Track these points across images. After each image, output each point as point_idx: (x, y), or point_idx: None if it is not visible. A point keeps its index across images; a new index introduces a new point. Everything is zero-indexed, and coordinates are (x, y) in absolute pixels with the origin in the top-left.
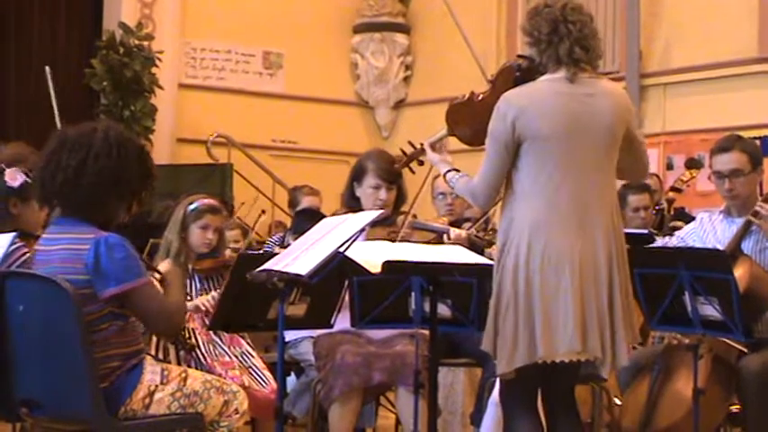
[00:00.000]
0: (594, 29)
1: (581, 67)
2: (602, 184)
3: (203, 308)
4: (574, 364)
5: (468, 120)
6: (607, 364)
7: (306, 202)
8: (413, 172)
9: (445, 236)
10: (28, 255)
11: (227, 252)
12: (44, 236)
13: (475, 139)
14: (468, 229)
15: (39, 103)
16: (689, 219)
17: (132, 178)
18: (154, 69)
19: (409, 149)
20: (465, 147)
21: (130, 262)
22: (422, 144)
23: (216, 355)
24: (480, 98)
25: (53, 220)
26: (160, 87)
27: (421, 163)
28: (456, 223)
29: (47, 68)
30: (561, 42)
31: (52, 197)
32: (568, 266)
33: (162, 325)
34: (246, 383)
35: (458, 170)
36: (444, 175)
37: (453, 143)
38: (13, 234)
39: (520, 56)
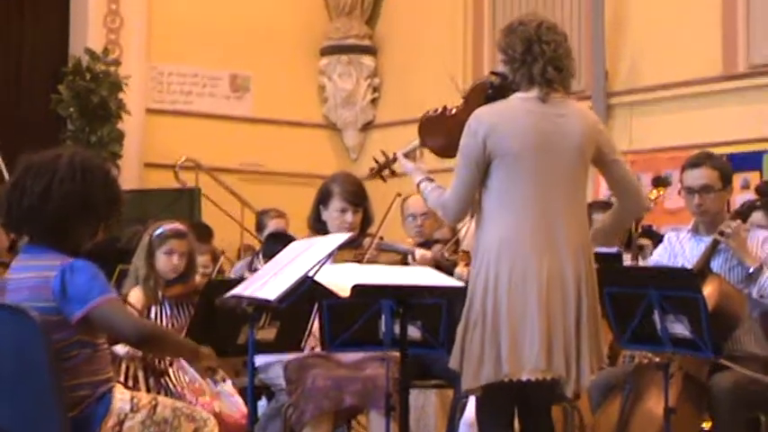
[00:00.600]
0: (569, 48)
1: (553, 88)
2: (572, 203)
3: None
4: (546, 383)
5: (440, 133)
6: (571, 384)
7: (273, 225)
8: (384, 180)
9: (410, 257)
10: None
11: (198, 278)
12: (14, 264)
13: (446, 151)
14: (437, 251)
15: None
16: (656, 236)
17: (99, 203)
18: (121, 94)
19: (382, 159)
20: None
21: (93, 282)
22: (394, 153)
23: (185, 382)
24: (453, 112)
25: (22, 247)
26: (127, 112)
27: (393, 172)
28: (425, 244)
29: None
30: (535, 62)
31: (19, 223)
32: (536, 285)
33: (132, 332)
34: (217, 409)
35: (432, 179)
36: (418, 185)
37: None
38: None
39: (493, 72)
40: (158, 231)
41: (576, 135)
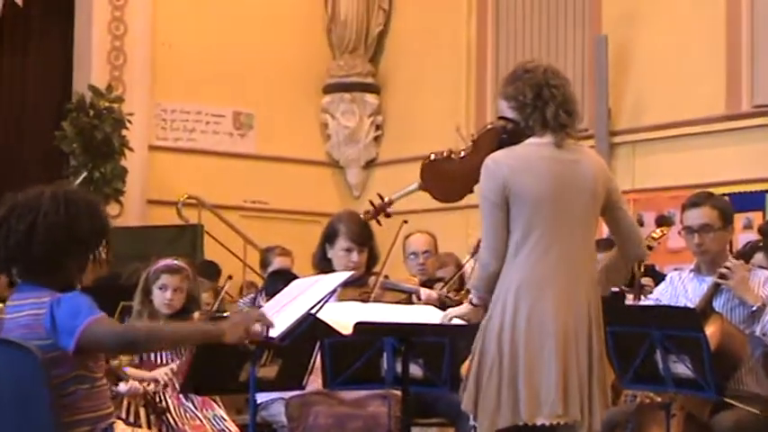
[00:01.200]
0: (573, 92)
1: (567, 132)
2: (586, 247)
3: (162, 380)
4: (560, 428)
5: (445, 177)
6: (585, 428)
7: (277, 263)
8: (379, 224)
9: (415, 296)
10: None
11: (196, 314)
12: (8, 304)
13: (448, 196)
14: (440, 289)
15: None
16: (659, 276)
17: (85, 234)
18: (124, 131)
19: (377, 202)
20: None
21: (77, 309)
22: (390, 197)
23: (187, 419)
24: (461, 156)
25: (16, 287)
26: (130, 149)
27: (388, 215)
28: (428, 283)
29: None
30: (546, 106)
31: (7, 263)
32: (553, 328)
33: (113, 342)
34: None
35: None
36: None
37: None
38: None
39: (502, 118)
40: (153, 268)
41: (590, 181)
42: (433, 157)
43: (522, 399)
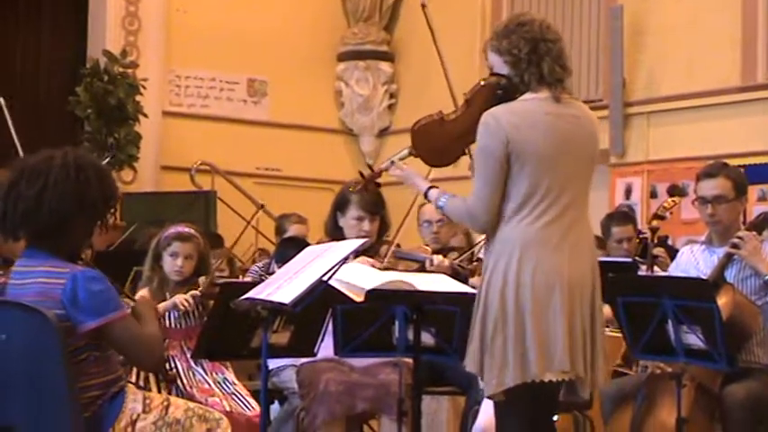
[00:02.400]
0: (564, 46)
1: (563, 87)
2: (584, 205)
3: (182, 307)
4: (556, 387)
5: (438, 139)
6: (587, 384)
7: (293, 230)
8: (367, 193)
9: (428, 262)
10: (3, 281)
11: (201, 279)
12: (15, 269)
13: (442, 159)
14: (453, 260)
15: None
16: (672, 249)
17: (94, 200)
18: (138, 97)
19: (367, 172)
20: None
21: (108, 295)
22: (380, 167)
23: (196, 382)
24: (452, 117)
25: (23, 252)
26: (144, 115)
27: (378, 185)
28: (441, 251)
29: (0, 100)
30: (542, 61)
31: (16, 228)
32: (558, 284)
33: (143, 357)
34: (229, 408)
35: (437, 187)
36: (426, 193)
37: None
38: None
39: (495, 74)
40: (165, 234)
41: (590, 136)
42: (424, 120)
43: (531, 355)
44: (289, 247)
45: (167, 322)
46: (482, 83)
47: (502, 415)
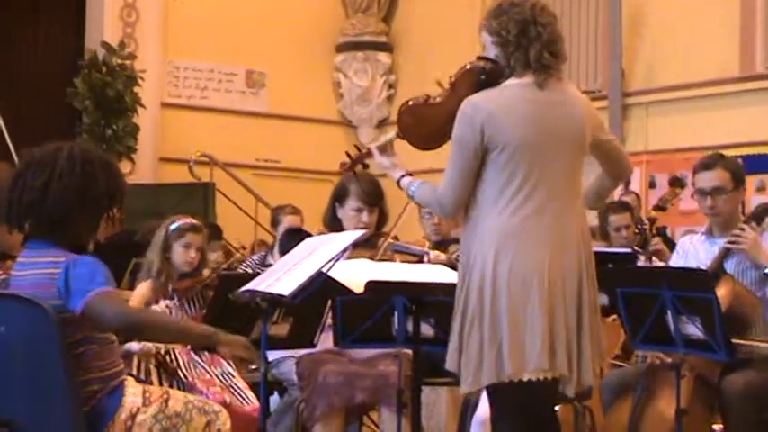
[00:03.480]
0: (560, 30)
1: (550, 73)
2: (572, 194)
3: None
4: (548, 383)
5: (423, 123)
6: (573, 382)
7: (287, 221)
8: (355, 175)
9: (425, 257)
10: (3, 276)
11: (206, 272)
12: (18, 260)
13: (427, 143)
14: (452, 252)
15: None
16: (668, 239)
17: (100, 194)
18: (136, 88)
19: (354, 153)
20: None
21: (93, 274)
22: (368, 148)
23: (197, 374)
24: (438, 101)
25: (26, 244)
26: (143, 106)
27: (366, 166)
28: (443, 243)
29: None
30: (531, 45)
31: (20, 219)
32: (537, 280)
33: (114, 321)
34: (228, 401)
35: (411, 175)
36: (398, 181)
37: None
38: None
39: (481, 57)
40: (175, 225)
41: (576, 121)
42: (410, 102)
43: (505, 354)
44: (291, 239)
45: (169, 313)
46: (467, 66)
47: (495, 409)
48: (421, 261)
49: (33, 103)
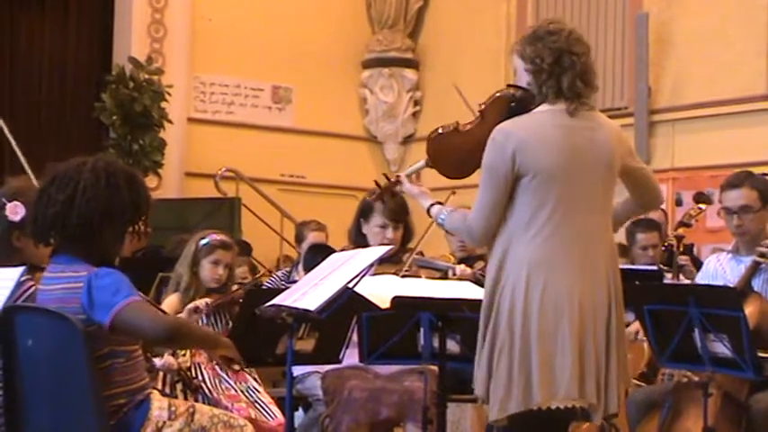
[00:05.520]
0: (592, 61)
1: (582, 102)
2: (602, 221)
3: (202, 308)
4: (574, 411)
5: (453, 151)
6: (600, 411)
7: (312, 237)
8: (383, 203)
9: (450, 272)
10: (33, 288)
11: (235, 287)
12: (45, 275)
13: (458, 172)
14: (478, 269)
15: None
16: (694, 257)
17: (124, 208)
18: (163, 103)
19: (383, 182)
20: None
21: (116, 287)
22: (398, 176)
23: (222, 389)
24: (468, 128)
25: (52, 258)
26: (169, 121)
27: (394, 195)
28: (468, 260)
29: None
30: (564, 74)
31: (45, 232)
32: (568, 308)
33: (154, 330)
34: (253, 416)
35: (442, 203)
36: (428, 210)
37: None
38: (23, 268)
39: (511, 85)
40: (205, 241)
41: (605, 148)
42: (440, 130)
43: (535, 382)
44: (316, 255)
45: None
46: (497, 94)
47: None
48: (446, 276)
49: (61, 117)
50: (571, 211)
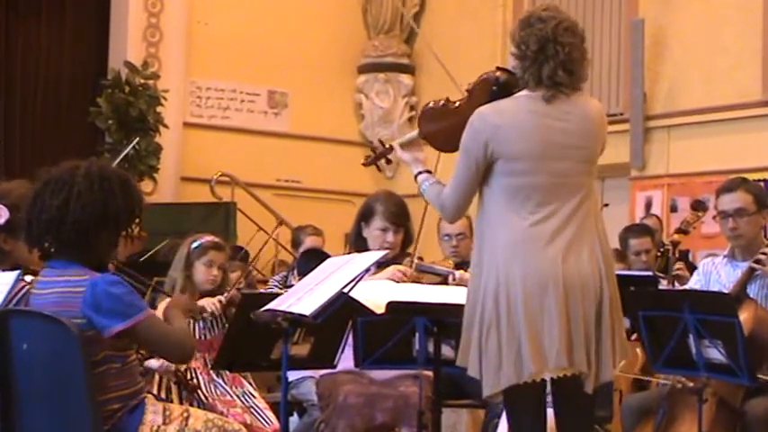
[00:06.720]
0: (585, 51)
1: (560, 90)
2: (584, 200)
3: (209, 309)
4: (569, 380)
5: (441, 125)
6: (591, 379)
7: (309, 242)
8: (379, 170)
9: (450, 277)
10: (27, 288)
11: (233, 292)
12: (39, 279)
13: (444, 145)
14: None
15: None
16: (689, 263)
17: (119, 212)
18: (159, 108)
19: (379, 148)
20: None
21: (133, 297)
22: (391, 144)
23: (218, 395)
24: (456, 105)
25: (47, 263)
26: (165, 126)
27: (389, 162)
28: (461, 265)
29: None
30: (546, 63)
31: (39, 238)
32: (551, 283)
33: (174, 350)
34: (248, 421)
35: (430, 172)
36: (416, 177)
37: None
38: (17, 272)
39: (499, 68)
40: (197, 243)
41: (584, 130)
42: (430, 105)
43: (525, 355)
44: (310, 259)
45: (193, 333)
46: (484, 76)
47: (510, 415)
48: (446, 281)
49: (56, 122)
50: (549, 192)
